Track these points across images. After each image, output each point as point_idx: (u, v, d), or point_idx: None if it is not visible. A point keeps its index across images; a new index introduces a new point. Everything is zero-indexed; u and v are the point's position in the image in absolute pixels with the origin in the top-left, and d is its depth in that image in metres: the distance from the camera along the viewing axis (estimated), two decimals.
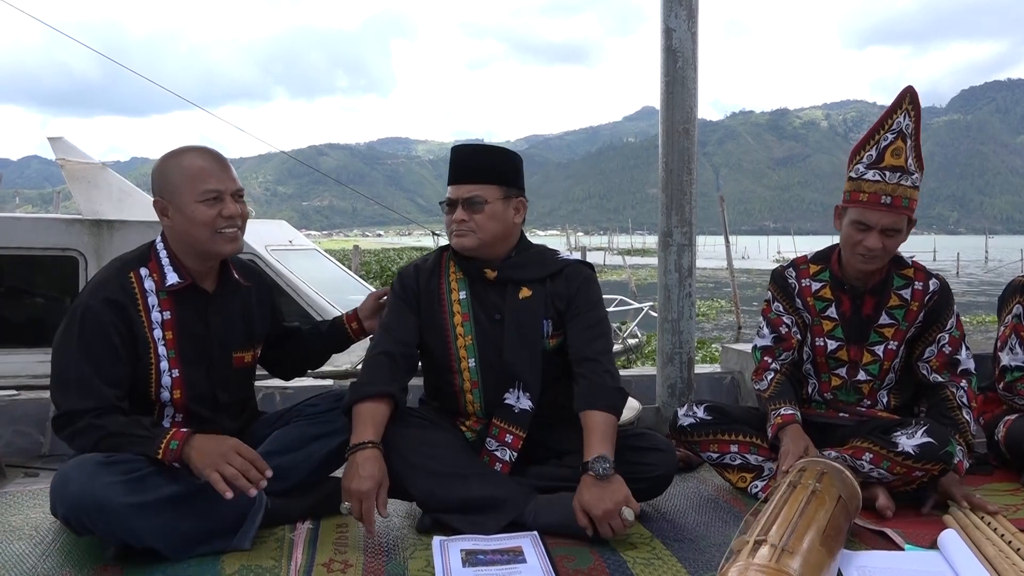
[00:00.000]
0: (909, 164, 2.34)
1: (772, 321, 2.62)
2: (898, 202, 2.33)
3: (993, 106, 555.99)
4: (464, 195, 2.21)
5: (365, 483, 1.96)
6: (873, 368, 2.51)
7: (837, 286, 2.53)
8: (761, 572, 1.51)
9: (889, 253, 2.40)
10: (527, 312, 2.25)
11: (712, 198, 29.91)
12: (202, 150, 2.11)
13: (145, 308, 2.05)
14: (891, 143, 2.35)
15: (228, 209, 2.08)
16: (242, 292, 2.23)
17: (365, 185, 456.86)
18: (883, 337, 2.49)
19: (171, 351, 2.07)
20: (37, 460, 3.49)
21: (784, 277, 2.63)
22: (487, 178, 2.22)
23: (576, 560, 1.93)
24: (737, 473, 2.54)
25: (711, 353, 11.00)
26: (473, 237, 2.22)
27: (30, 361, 6.08)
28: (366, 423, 2.08)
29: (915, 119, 2.37)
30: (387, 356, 2.22)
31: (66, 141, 7.48)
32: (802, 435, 2.35)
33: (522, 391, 2.24)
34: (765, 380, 2.55)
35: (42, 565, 1.92)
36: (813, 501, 1.84)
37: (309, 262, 7.59)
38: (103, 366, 1.97)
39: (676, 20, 3.38)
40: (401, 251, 40.55)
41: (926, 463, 2.24)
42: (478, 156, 2.25)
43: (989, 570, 1.81)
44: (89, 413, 1.94)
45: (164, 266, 2.09)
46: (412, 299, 2.30)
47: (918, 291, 2.48)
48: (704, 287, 25.64)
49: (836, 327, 2.52)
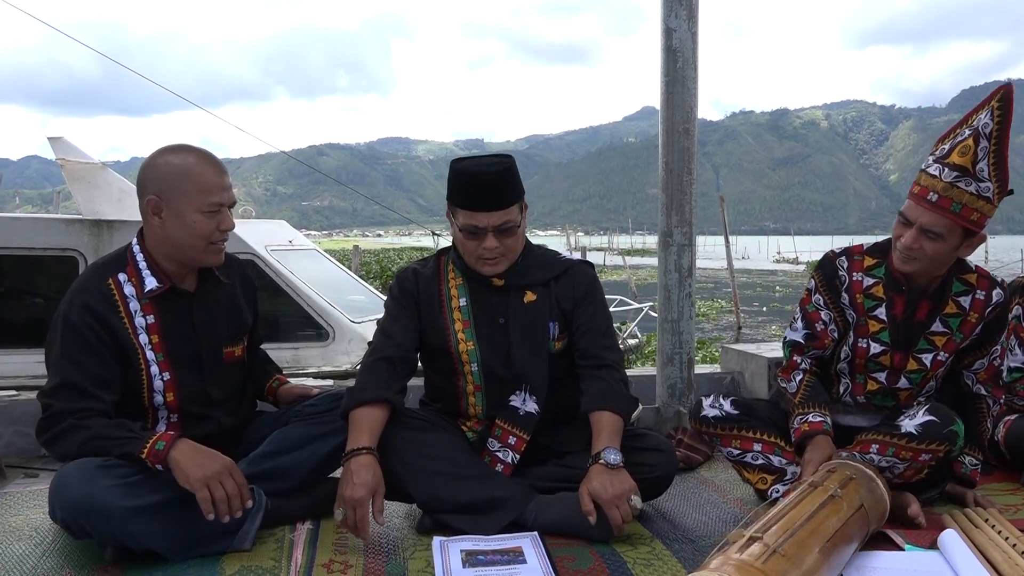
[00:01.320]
0: (979, 169, 2.11)
1: (809, 315, 2.42)
2: (946, 203, 2.12)
3: None
4: (496, 223, 2.13)
5: (359, 490, 1.94)
6: (916, 377, 2.34)
7: (892, 285, 2.32)
8: (740, 570, 1.46)
9: (933, 259, 2.19)
10: (533, 316, 2.24)
11: (712, 198, 29.91)
12: (203, 154, 2.07)
13: (128, 314, 2.02)
14: (963, 140, 2.13)
15: (226, 223, 2.06)
16: (225, 287, 2.20)
17: (365, 185, 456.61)
18: (933, 346, 2.31)
19: (159, 354, 2.04)
20: (37, 460, 3.49)
21: (835, 266, 2.40)
22: (512, 200, 2.15)
23: (576, 560, 1.93)
24: (758, 473, 2.40)
25: (711, 353, 11.00)
26: (505, 262, 2.20)
27: (30, 361, 6.08)
28: (362, 429, 2.06)
29: (1000, 120, 2.10)
30: (385, 361, 2.20)
31: (66, 141, 7.49)
32: (829, 445, 2.25)
33: (529, 394, 2.23)
34: (794, 381, 2.41)
35: (42, 566, 1.92)
36: (828, 506, 1.79)
37: (309, 262, 7.58)
38: (86, 368, 1.94)
39: (676, 20, 3.38)
40: (401, 251, 40.54)
41: (930, 443, 2.14)
42: (495, 179, 2.12)
43: (990, 571, 1.81)
44: (72, 414, 1.90)
45: (142, 270, 2.05)
46: (411, 303, 2.28)
47: (979, 301, 2.28)
48: (704, 287, 25.63)
49: (883, 330, 2.33)
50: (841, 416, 2.44)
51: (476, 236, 2.15)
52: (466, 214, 2.15)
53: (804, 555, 1.60)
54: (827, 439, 2.27)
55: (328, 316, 6.69)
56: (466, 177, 2.14)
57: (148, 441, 1.86)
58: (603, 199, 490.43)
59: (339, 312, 6.79)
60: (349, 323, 6.77)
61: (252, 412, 2.36)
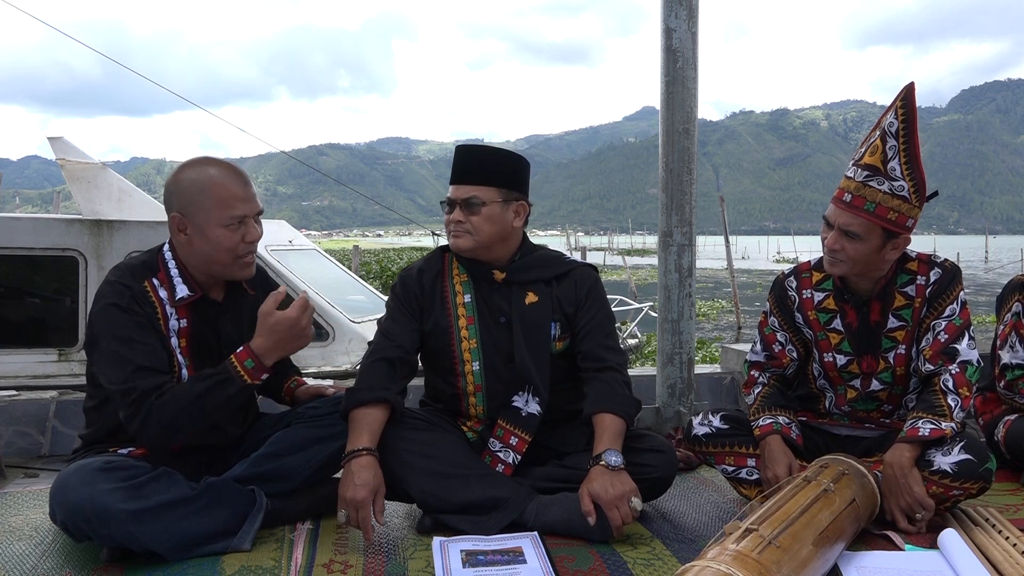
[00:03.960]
0: (890, 168, 2.15)
1: (766, 337, 2.48)
2: (859, 202, 2.15)
3: (993, 106, 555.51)
4: (462, 196, 2.20)
5: (360, 491, 1.94)
6: (886, 376, 2.34)
7: (840, 296, 2.34)
8: (737, 560, 1.50)
9: (856, 260, 2.20)
10: (534, 316, 2.24)
11: (712, 198, 29.91)
12: (225, 166, 2.06)
13: (163, 316, 2.03)
14: (873, 141, 2.19)
15: (251, 234, 2.06)
16: (249, 299, 2.21)
17: (365, 185, 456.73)
18: (895, 342, 2.31)
19: (186, 359, 2.06)
20: (37, 460, 3.49)
21: (784, 288, 2.45)
22: (487, 180, 2.20)
23: (576, 560, 1.93)
24: (754, 488, 2.35)
25: (711, 353, 11.00)
26: (469, 239, 2.21)
27: (30, 361, 6.09)
28: (361, 430, 2.07)
29: (904, 118, 2.16)
30: (385, 362, 2.20)
31: (66, 141, 7.49)
32: (776, 444, 2.28)
33: (531, 395, 2.23)
34: (752, 394, 2.45)
35: (42, 566, 1.92)
36: (821, 500, 1.83)
37: (309, 262, 7.58)
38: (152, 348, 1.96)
39: (676, 20, 3.38)
40: (401, 251, 40.56)
41: (964, 481, 2.09)
42: (479, 157, 2.23)
43: (990, 571, 1.81)
44: (153, 393, 1.92)
45: (173, 278, 2.06)
46: (414, 303, 2.28)
47: (920, 285, 2.29)
48: (704, 287, 25.64)
49: (843, 340, 2.35)
50: (837, 428, 2.47)
51: (450, 209, 2.23)
52: (449, 189, 2.26)
53: (798, 547, 1.64)
54: (775, 438, 2.30)
55: (328, 316, 6.69)
56: (455, 153, 2.27)
57: (238, 369, 1.97)
58: (603, 199, 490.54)
59: (339, 312, 6.79)
60: (349, 323, 6.77)
61: (255, 418, 2.36)
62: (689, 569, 1.50)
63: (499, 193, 2.21)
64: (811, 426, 2.48)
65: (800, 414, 2.48)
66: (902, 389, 2.37)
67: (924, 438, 2.11)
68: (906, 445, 2.13)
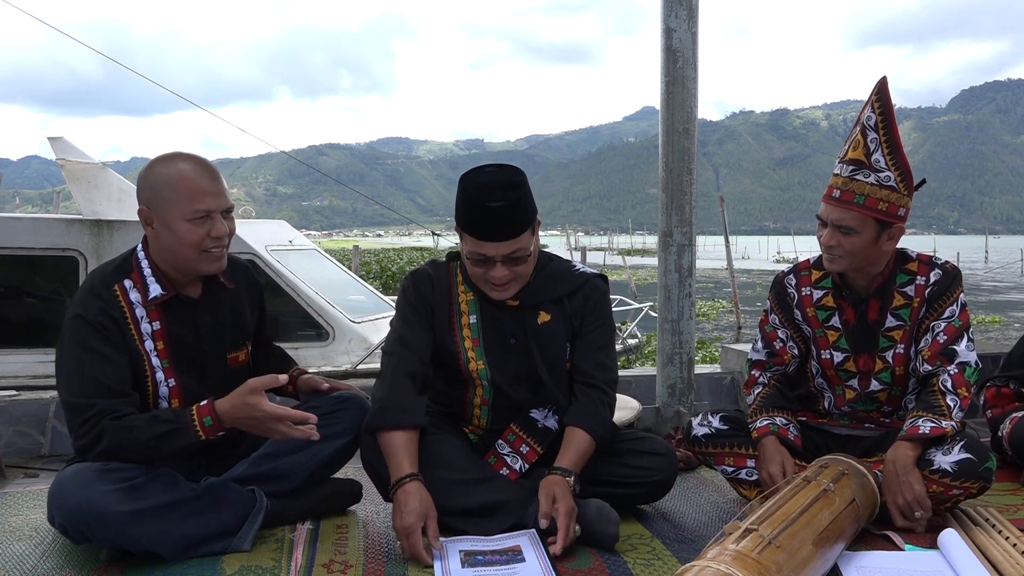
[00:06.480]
0: (874, 160, 2.18)
1: (767, 335, 2.49)
2: (848, 196, 2.18)
3: (993, 106, 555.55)
4: (504, 252, 2.02)
5: (407, 518, 1.91)
6: (885, 376, 2.34)
7: (838, 293, 2.36)
8: (737, 560, 1.50)
9: (853, 255, 2.22)
10: (550, 336, 2.19)
11: (712, 198, 29.93)
12: (194, 161, 2.02)
13: (134, 320, 2.00)
14: (854, 137, 2.23)
15: (217, 229, 2.00)
16: (229, 292, 2.18)
17: (365, 185, 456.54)
18: (892, 341, 2.32)
19: (164, 361, 2.03)
20: (37, 460, 3.49)
21: (783, 286, 2.47)
22: (522, 228, 2.03)
23: (576, 560, 1.93)
24: (754, 489, 2.35)
25: (711, 353, 11.00)
26: (516, 286, 2.12)
27: (30, 361, 6.09)
28: (402, 456, 2.01)
29: (881, 111, 2.20)
30: (410, 378, 2.11)
31: (66, 141, 7.49)
32: (772, 445, 2.29)
33: (551, 412, 2.23)
34: (752, 394, 2.45)
35: (42, 566, 1.92)
36: (821, 500, 1.83)
37: (309, 262, 7.59)
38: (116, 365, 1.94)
39: (676, 20, 3.38)
40: (401, 251, 40.55)
41: (964, 481, 2.10)
42: (511, 211, 1.99)
43: (990, 571, 1.81)
44: (110, 414, 1.89)
45: (146, 277, 2.03)
46: (427, 310, 2.19)
47: (920, 286, 2.29)
48: (704, 287, 25.64)
49: (840, 338, 2.36)
50: (837, 428, 2.47)
51: (484, 264, 2.06)
52: (473, 241, 2.04)
53: (798, 547, 1.64)
54: (771, 439, 2.31)
55: (328, 316, 6.70)
56: (474, 209, 2.00)
57: (194, 425, 1.91)
58: (603, 199, 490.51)
59: (339, 312, 6.80)
60: (349, 323, 6.78)
61: None
62: (689, 569, 1.50)
63: (531, 231, 2.08)
64: (811, 426, 2.48)
65: (800, 414, 2.47)
66: (901, 390, 2.37)
67: (925, 436, 2.12)
68: (907, 443, 2.14)
